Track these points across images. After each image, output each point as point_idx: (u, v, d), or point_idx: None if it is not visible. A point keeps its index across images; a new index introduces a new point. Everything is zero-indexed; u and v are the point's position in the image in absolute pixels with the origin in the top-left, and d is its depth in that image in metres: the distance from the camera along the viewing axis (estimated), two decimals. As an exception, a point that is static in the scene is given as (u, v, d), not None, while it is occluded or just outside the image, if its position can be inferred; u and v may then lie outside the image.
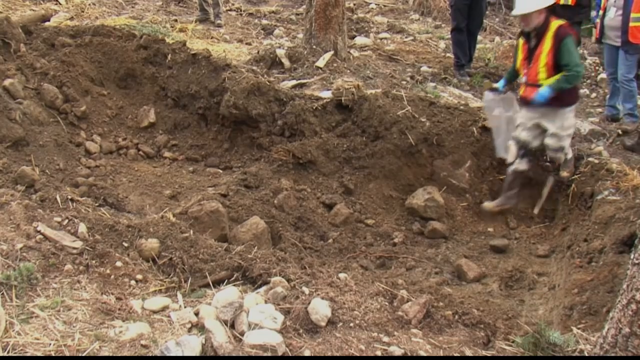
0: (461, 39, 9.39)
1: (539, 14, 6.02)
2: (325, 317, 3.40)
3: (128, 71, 8.09)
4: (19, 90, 6.77)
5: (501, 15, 14.41)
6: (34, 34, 8.22)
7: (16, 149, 6.12)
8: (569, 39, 5.93)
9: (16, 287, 3.45)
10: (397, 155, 6.91)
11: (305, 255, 5.65)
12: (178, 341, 3.02)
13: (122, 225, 4.54)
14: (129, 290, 3.85)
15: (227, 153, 7.22)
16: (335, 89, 7.37)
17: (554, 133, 6.13)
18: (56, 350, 2.97)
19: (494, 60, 10.25)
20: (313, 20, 9.22)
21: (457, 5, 9.34)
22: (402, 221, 6.71)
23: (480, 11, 9.45)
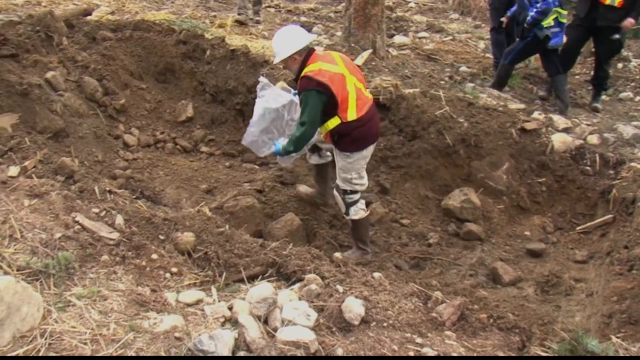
0: (500, 39, 9.30)
1: (293, 61, 5.48)
2: (358, 315, 3.38)
3: (167, 66, 8.17)
4: (61, 82, 6.87)
5: (543, 16, 14.23)
6: (76, 27, 8.35)
7: (56, 140, 6.20)
8: (307, 92, 5.26)
9: (54, 276, 3.49)
10: (434, 156, 6.87)
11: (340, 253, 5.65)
12: (211, 335, 3.02)
13: (159, 218, 4.58)
14: (163, 282, 3.87)
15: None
16: (373, 88, 7.33)
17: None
18: (91, 339, 3.00)
19: (534, 62, 10.11)
20: (352, 18, 9.21)
21: (494, 4, 9.27)
22: (437, 222, 6.66)
23: (521, 12, 9.34)
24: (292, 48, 5.37)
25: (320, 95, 5.22)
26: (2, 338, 2.76)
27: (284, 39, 5.47)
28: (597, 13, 8.01)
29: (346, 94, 5.39)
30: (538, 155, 6.81)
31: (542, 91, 8.90)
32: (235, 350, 3.07)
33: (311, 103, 5.23)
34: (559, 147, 6.82)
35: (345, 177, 5.66)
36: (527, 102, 8.47)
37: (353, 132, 5.46)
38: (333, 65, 5.42)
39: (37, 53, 7.18)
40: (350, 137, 5.50)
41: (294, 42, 5.40)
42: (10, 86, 6.09)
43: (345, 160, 5.62)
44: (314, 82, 5.21)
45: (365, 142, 5.61)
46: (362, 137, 5.56)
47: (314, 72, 5.25)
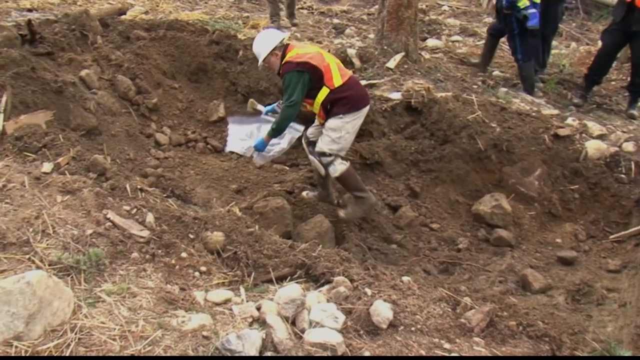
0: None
1: (275, 58, 6.02)
2: (386, 319, 3.37)
3: (200, 65, 8.24)
4: (94, 80, 6.96)
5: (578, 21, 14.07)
6: (110, 26, 8.48)
7: (89, 137, 6.27)
8: (288, 74, 5.79)
9: (85, 272, 3.53)
10: (466, 160, 6.82)
11: (369, 256, 5.64)
12: (239, 334, 3.03)
13: (189, 217, 4.60)
14: (192, 281, 3.89)
15: (295, 150, 7.24)
16: (405, 91, 7.33)
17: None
18: (120, 335, 3.02)
19: (568, 67, 9.99)
20: (385, 20, 9.18)
21: (530, 9, 9.16)
22: (467, 227, 6.62)
23: (555, 16, 9.22)
24: (271, 44, 5.92)
25: (301, 74, 5.75)
26: (33, 331, 2.80)
27: (261, 41, 6.04)
28: (633, 17, 7.90)
29: (327, 64, 5.89)
30: (571, 161, 6.73)
31: (577, 98, 8.79)
32: (263, 350, 3.07)
33: (293, 83, 5.74)
34: (593, 154, 6.73)
35: (332, 137, 5.94)
36: (560, 107, 8.37)
37: (344, 95, 5.88)
38: (308, 48, 6.12)
39: (72, 51, 7.29)
40: (343, 101, 5.90)
41: (271, 40, 5.97)
42: (46, 84, 6.17)
43: (339, 120, 5.93)
44: (294, 64, 5.76)
45: (358, 103, 6.00)
46: (354, 98, 5.96)
47: (292, 57, 5.83)
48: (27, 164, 4.90)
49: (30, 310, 2.78)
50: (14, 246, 3.62)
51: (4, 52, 6.39)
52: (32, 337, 2.79)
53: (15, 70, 6.10)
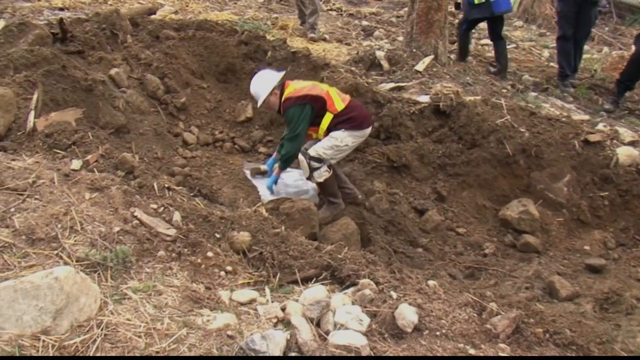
0: (567, 48, 9.13)
1: (274, 97, 6.27)
2: (411, 323, 3.35)
3: (228, 66, 8.28)
4: (124, 79, 7.03)
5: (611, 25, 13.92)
6: (140, 26, 8.57)
7: (118, 135, 6.33)
8: (291, 109, 6.05)
9: (111, 269, 3.56)
10: (493, 165, 6.77)
11: (395, 259, 5.62)
12: (263, 334, 3.03)
13: (215, 217, 4.62)
14: (218, 280, 3.90)
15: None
16: (434, 94, 7.30)
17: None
18: (146, 333, 3.04)
19: (600, 72, 9.89)
20: (414, 23, 9.18)
21: (564, 12, 9.08)
22: (494, 232, 6.57)
23: (589, 20, 9.13)
24: (270, 85, 6.19)
25: (302, 107, 6.03)
26: (60, 326, 2.83)
27: (260, 83, 6.29)
28: None
29: (326, 92, 6.20)
30: (601, 168, 6.65)
31: (608, 103, 8.69)
32: (287, 351, 3.07)
33: (295, 116, 6.02)
34: (624, 160, 6.64)
35: (332, 143, 6.15)
36: (591, 113, 8.29)
37: (349, 117, 6.15)
38: (303, 82, 6.39)
39: (102, 50, 7.38)
40: (347, 121, 6.14)
41: (269, 81, 6.25)
42: (76, 82, 6.24)
43: (341, 132, 6.15)
44: (294, 99, 6.04)
45: (362, 123, 6.25)
46: (359, 118, 6.22)
47: (291, 93, 6.11)
48: (57, 160, 4.95)
49: (57, 305, 2.81)
50: (43, 242, 3.66)
51: (35, 50, 6.48)
52: (59, 332, 2.82)
53: (47, 68, 6.17)
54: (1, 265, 3.36)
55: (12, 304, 2.80)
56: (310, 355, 3.02)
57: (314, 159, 6.15)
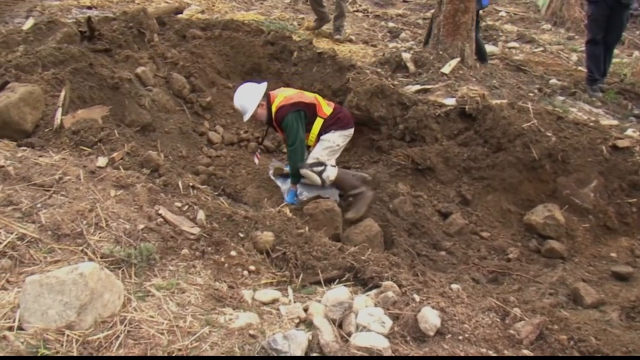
0: (596, 52, 9.03)
1: (261, 109, 6.34)
2: (434, 326, 3.34)
3: (254, 66, 8.32)
4: (150, 78, 7.09)
5: (643, 28, 13.76)
6: (167, 25, 8.64)
7: (143, 133, 6.39)
8: (288, 117, 6.17)
9: (135, 266, 3.59)
10: (519, 169, 6.71)
11: (418, 262, 5.61)
12: (285, 334, 3.04)
13: (240, 216, 4.65)
14: (241, 279, 3.92)
15: (346, 153, 7.24)
16: (460, 97, 7.26)
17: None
18: (168, 330, 3.06)
19: (630, 76, 9.77)
20: (441, 25, 9.15)
21: (595, 16, 8.97)
22: (518, 237, 6.51)
23: (620, 23, 9.02)
24: (257, 98, 6.27)
25: (297, 114, 6.20)
26: (84, 321, 2.86)
27: (245, 97, 6.35)
28: None
29: (314, 98, 6.45)
30: (630, 174, 6.55)
31: (638, 109, 8.59)
32: (308, 352, 3.08)
33: (294, 125, 6.16)
34: (654, 167, 6.56)
35: (325, 146, 6.38)
36: (620, 118, 8.20)
37: (336, 119, 6.42)
38: (289, 90, 6.59)
39: (129, 48, 7.44)
40: (336, 123, 6.41)
41: (255, 94, 6.32)
42: (103, 79, 6.31)
43: (331, 133, 6.40)
44: (288, 106, 6.18)
45: (348, 124, 6.54)
46: (344, 119, 6.50)
47: (283, 101, 6.23)
48: (83, 157, 5.01)
49: (82, 300, 2.84)
50: (68, 237, 3.71)
51: (63, 48, 6.56)
52: (83, 327, 2.85)
53: (74, 65, 6.25)
54: (27, 260, 3.41)
55: (38, 298, 2.84)
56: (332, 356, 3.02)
57: (314, 165, 6.31)
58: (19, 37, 7.11)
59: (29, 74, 6.01)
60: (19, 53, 6.50)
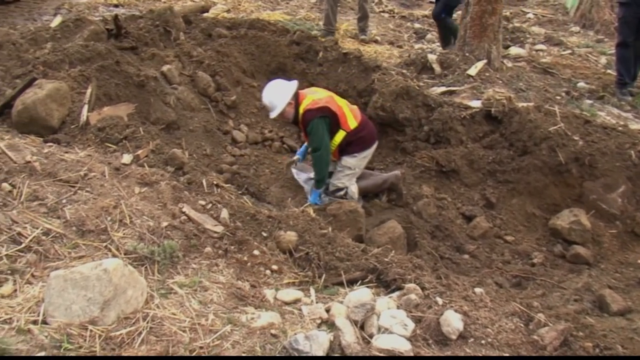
0: (627, 55, 8.91)
1: (290, 107, 6.20)
2: (456, 330, 3.32)
3: (279, 65, 8.32)
4: (175, 76, 7.13)
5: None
6: (193, 23, 8.69)
7: (168, 131, 6.43)
8: (314, 121, 6.07)
9: (159, 263, 3.62)
10: (545, 173, 6.65)
11: (440, 265, 5.58)
12: (307, 335, 3.05)
13: (263, 215, 4.67)
14: (263, 279, 3.94)
15: (371, 157, 7.25)
16: (486, 99, 7.21)
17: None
18: (190, 328, 3.08)
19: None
20: (468, 27, 9.11)
21: (626, 18, 8.86)
22: (543, 241, 6.44)
23: (650, 26, 8.91)
24: (287, 97, 6.15)
25: (324, 119, 6.09)
26: (107, 317, 2.89)
27: (275, 93, 6.23)
28: None
29: (340, 107, 6.28)
30: (659, 180, 6.48)
31: (668, 113, 8.48)
32: (330, 352, 3.08)
33: (320, 129, 6.08)
34: (683, 172, 6.46)
35: (347, 174, 6.40)
36: (649, 123, 8.10)
37: (360, 136, 6.34)
38: (319, 93, 6.42)
39: (155, 47, 7.50)
40: (358, 141, 6.35)
41: (286, 92, 6.20)
42: (129, 77, 6.36)
43: (354, 159, 6.40)
44: (315, 111, 6.08)
45: (371, 142, 6.52)
46: (368, 137, 6.45)
47: (310, 105, 6.12)
48: (108, 154, 5.06)
49: (105, 296, 2.87)
50: (92, 233, 3.75)
51: (90, 45, 6.63)
52: (106, 323, 2.88)
53: (101, 63, 6.31)
54: (52, 255, 3.45)
55: (62, 293, 2.87)
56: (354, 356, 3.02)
57: (335, 191, 6.39)
58: (47, 34, 7.19)
59: (56, 71, 6.08)
60: (46, 50, 6.58)
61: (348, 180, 6.40)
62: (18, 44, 6.72)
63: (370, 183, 6.60)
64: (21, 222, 3.61)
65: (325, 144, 6.12)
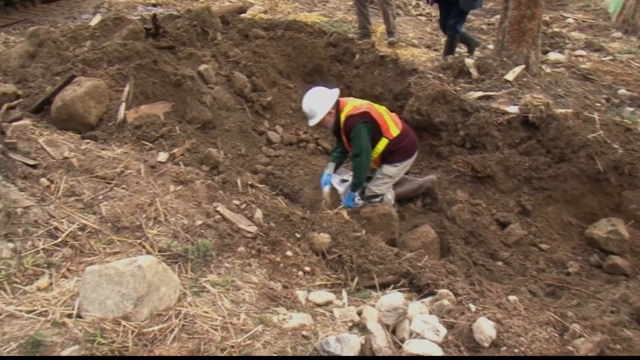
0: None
1: (329, 117, 6.16)
2: (489, 338, 3.29)
3: (315, 67, 8.35)
4: (212, 76, 7.20)
5: None
6: (230, 24, 8.77)
7: (204, 130, 6.49)
8: (356, 127, 6.04)
9: (192, 261, 3.65)
10: (582, 181, 6.56)
11: (473, 271, 5.54)
12: (338, 337, 3.05)
13: (297, 216, 4.69)
14: (295, 280, 3.95)
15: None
16: (523, 105, 7.15)
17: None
18: (222, 326, 3.10)
19: None
20: (506, 31, 9.04)
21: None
22: (579, 251, 6.36)
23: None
24: (328, 105, 6.11)
25: (366, 125, 6.05)
26: (140, 313, 2.92)
27: (316, 101, 6.17)
28: None
29: (381, 115, 6.24)
30: (702, 191, 6.36)
31: None
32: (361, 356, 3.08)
33: (362, 135, 6.03)
34: None
35: (386, 181, 6.38)
36: (693, 132, 7.95)
37: (402, 145, 6.30)
38: (359, 100, 6.45)
39: (192, 46, 7.57)
40: (400, 150, 6.32)
41: (327, 100, 6.15)
42: (166, 76, 6.43)
43: (395, 167, 6.36)
44: (357, 116, 6.07)
45: (413, 150, 6.48)
46: (410, 146, 6.41)
47: (352, 111, 6.11)
48: (144, 152, 5.12)
49: (139, 292, 2.90)
50: (127, 230, 3.80)
51: (129, 44, 6.72)
52: (139, 319, 2.91)
53: (139, 62, 6.40)
54: (87, 250, 3.50)
55: (97, 288, 2.91)
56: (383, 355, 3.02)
57: (371, 197, 6.34)
58: (87, 32, 7.32)
59: (95, 69, 6.17)
60: (86, 48, 6.70)
61: (386, 188, 6.38)
62: (58, 41, 6.85)
63: (407, 188, 6.58)
64: (58, 217, 3.66)
65: (366, 150, 6.09)
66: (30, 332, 2.71)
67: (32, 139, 4.66)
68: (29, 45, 6.88)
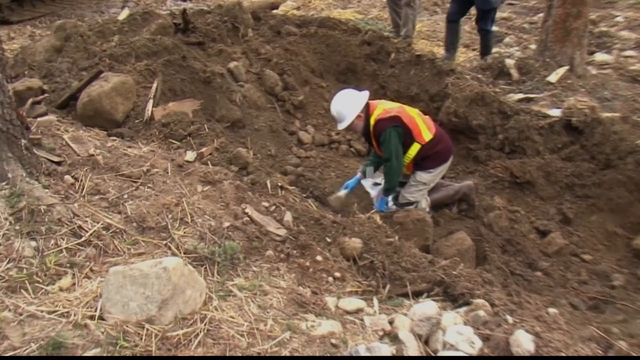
0: None
1: (359, 120, 6.10)
2: (527, 352, 3.24)
3: (349, 66, 8.33)
4: (242, 73, 7.22)
5: None
6: (262, 20, 8.78)
7: (233, 129, 6.52)
8: (387, 131, 5.96)
9: (219, 264, 3.66)
10: (629, 189, 6.46)
11: (511, 281, 5.48)
12: (369, 346, 3.04)
13: (328, 220, 4.67)
14: (325, 286, 3.94)
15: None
16: (566, 108, 7.06)
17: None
18: (248, 332, 3.10)
19: None
20: (550, 30, 8.94)
21: None
22: (625, 263, 6.25)
23: None
24: (357, 109, 6.04)
25: (397, 129, 5.97)
26: (164, 316, 2.93)
27: (345, 104, 6.10)
28: None
29: (413, 119, 6.14)
30: None
31: None
32: (392, 366, 3.06)
33: (392, 139, 5.96)
34: None
35: (420, 189, 6.32)
36: None
37: (435, 150, 6.21)
38: (389, 103, 6.37)
39: (222, 43, 7.61)
40: (434, 156, 6.23)
41: (357, 103, 6.08)
42: (195, 73, 6.47)
43: (429, 174, 6.29)
44: (387, 120, 5.98)
45: (448, 155, 6.38)
46: (444, 151, 6.32)
47: (382, 114, 6.04)
48: (172, 151, 5.16)
49: (164, 295, 2.91)
50: (153, 231, 3.82)
51: (157, 39, 6.78)
52: (163, 322, 2.92)
53: (167, 57, 6.45)
54: (111, 250, 3.52)
55: (120, 289, 2.93)
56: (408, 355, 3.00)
57: (403, 204, 6.30)
58: (114, 27, 7.39)
59: (122, 64, 6.24)
60: (113, 43, 6.77)
61: (421, 196, 6.34)
62: (85, 36, 6.92)
63: (442, 195, 6.56)
64: (82, 216, 3.70)
65: (397, 154, 6.02)
66: (52, 334, 2.73)
67: (57, 135, 4.71)
68: (56, 39, 6.98)
